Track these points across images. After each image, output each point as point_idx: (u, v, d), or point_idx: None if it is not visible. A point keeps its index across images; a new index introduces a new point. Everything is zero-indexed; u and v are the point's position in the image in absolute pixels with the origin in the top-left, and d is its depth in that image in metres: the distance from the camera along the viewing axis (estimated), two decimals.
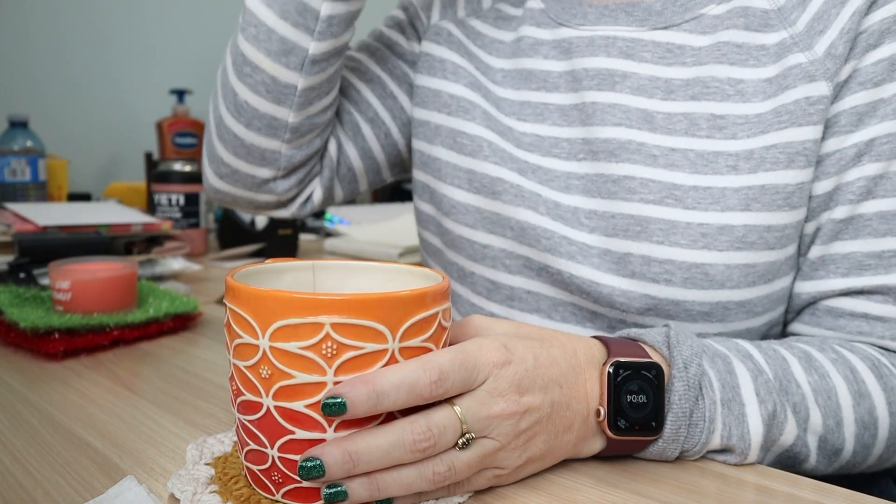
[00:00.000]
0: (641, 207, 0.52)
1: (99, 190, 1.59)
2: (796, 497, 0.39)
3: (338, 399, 0.32)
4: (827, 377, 0.45)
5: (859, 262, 0.50)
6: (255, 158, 0.62)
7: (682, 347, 0.41)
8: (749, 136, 0.51)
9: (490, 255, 0.59)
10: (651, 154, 0.52)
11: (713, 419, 0.41)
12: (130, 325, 0.65)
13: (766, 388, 0.43)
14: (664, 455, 0.41)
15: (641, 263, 0.51)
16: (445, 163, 0.62)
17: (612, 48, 0.57)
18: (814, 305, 0.53)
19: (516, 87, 0.61)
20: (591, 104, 0.56)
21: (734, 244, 0.50)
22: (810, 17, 0.51)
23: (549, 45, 0.60)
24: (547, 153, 0.57)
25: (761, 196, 0.50)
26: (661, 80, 0.54)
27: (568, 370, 0.39)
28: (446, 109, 0.63)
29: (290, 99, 0.59)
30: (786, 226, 0.51)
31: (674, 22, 0.55)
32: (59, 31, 1.52)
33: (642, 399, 0.39)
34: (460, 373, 0.35)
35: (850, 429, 0.45)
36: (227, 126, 0.62)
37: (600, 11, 0.59)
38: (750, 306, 0.52)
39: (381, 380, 0.33)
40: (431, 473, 0.34)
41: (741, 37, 0.53)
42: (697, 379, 0.41)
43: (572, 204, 0.55)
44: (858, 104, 0.50)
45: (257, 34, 0.57)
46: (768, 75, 0.51)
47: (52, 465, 0.40)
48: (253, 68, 0.58)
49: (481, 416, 0.35)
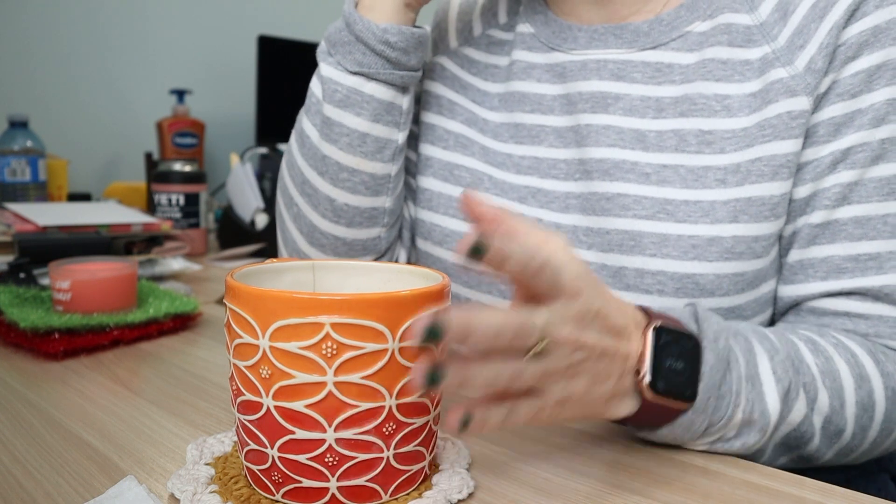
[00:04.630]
0: (634, 223, 0.53)
1: (99, 190, 1.59)
2: (801, 498, 0.39)
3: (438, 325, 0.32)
4: (831, 360, 0.47)
5: (837, 265, 0.51)
6: (357, 251, 0.65)
7: (710, 322, 0.43)
8: (736, 150, 0.52)
9: (486, 280, 0.61)
10: (644, 172, 0.54)
11: (739, 393, 0.42)
12: (130, 325, 0.65)
13: (782, 367, 0.44)
14: (692, 429, 0.42)
15: (635, 276, 0.53)
16: (437, 194, 0.64)
17: (604, 71, 0.58)
18: (797, 307, 0.54)
19: (511, 110, 0.63)
20: (585, 126, 0.58)
21: (723, 255, 0.51)
22: (791, 32, 0.52)
23: (541, 69, 0.62)
24: (545, 175, 0.59)
25: (748, 208, 0.51)
26: (652, 100, 0.56)
27: (622, 326, 0.40)
28: (441, 143, 0.65)
29: (386, 187, 0.63)
30: (771, 234, 0.52)
31: (661, 41, 0.57)
32: (60, 31, 1.52)
33: (680, 365, 0.40)
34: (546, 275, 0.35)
35: (851, 410, 0.46)
36: (326, 231, 0.64)
37: (590, 35, 0.60)
38: (739, 311, 0.53)
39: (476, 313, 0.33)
40: (511, 369, 0.34)
41: (726, 53, 0.54)
42: (726, 353, 0.42)
43: (571, 223, 0.57)
44: (836, 115, 0.51)
45: (351, 141, 0.60)
46: (752, 90, 0.53)
47: (52, 465, 0.40)
48: (351, 172, 0.61)
49: (555, 334, 0.35)
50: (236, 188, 1.23)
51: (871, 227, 0.50)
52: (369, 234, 0.64)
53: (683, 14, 0.57)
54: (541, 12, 0.64)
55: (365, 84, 0.59)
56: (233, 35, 1.80)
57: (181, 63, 1.72)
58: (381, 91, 0.60)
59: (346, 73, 0.59)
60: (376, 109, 0.60)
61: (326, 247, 0.65)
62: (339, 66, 0.60)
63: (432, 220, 0.64)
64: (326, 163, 0.61)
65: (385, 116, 0.60)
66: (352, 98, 0.60)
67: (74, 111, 1.56)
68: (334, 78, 0.60)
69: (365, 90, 0.59)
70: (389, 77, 0.59)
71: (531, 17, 0.65)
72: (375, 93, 0.59)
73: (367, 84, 0.59)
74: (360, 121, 0.60)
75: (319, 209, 0.63)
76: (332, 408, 0.33)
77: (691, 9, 0.56)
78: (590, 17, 0.61)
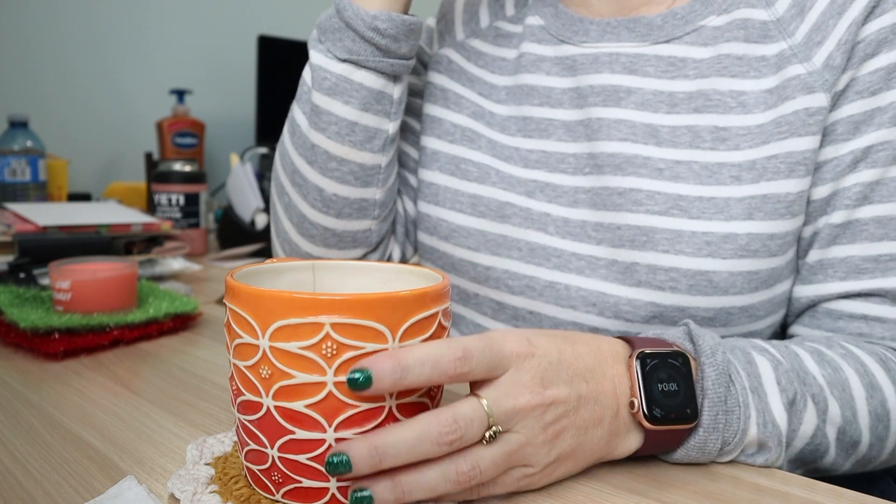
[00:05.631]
0: (648, 218, 0.52)
1: (99, 190, 1.59)
2: (813, 501, 0.39)
3: (365, 372, 0.32)
4: (840, 370, 0.46)
5: (857, 265, 0.51)
6: (347, 243, 0.65)
7: (705, 338, 0.42)
8: (751, 147, 0.51)
9: (493, 276, 0.60)
10: (657, 167, 0.53)
11: (747, 405, 0.41)
12: (130, 325, 0.65)
13: (786, 378, 0.43)
14: (705, 448, 0.40)
15: (647, 272, 0.52)
16: (444, 188, 0.63)
17: (617, 64, 0.57)
18: (813, 308, 0.53)
19: (518, 103, 0.62)
20: (596, 120, 0.57)
21: (738, 252, 0.50)
22: (808, 27, 0.51)
23: (551, 62, 0.61)
24: (554, 169, 0.58)
25: (764, 205, 0.50)
26: (665, 94, 0.55)
27: (594, 365, 0.39)
28: (448, 137, 0.64)
29: (376, 178, 0.62)
30: (787, 233, 0.51)
31: (675, 35, 0.56)
32: (60, 31, 1.52)
33: (673, 387, 0.39)
34: (486, 354, 0.34)
35: (865, 420, 0.45)
36: (315, 222, 0.63)
37: (602, 28, 0.59)
38: (753, 311, 0.52)
39: (407, 354, 0.33)
40: (455, 473, 0.33)
41: (741, 49, 0.53)
42: (725, 366, 0.41)
43: (580, 218, 0.56)
44: (855, 113, 0.50)
45: (339, 130, 0.59)
46: (769, 86, 0.52)
47: (52, 465, 0.40)
48: (340, 161, 0.60)
49: (507, 407, 0.34)
50: (236, 188, 1.23)
51: (892, 228, 0.50)
52: (359, 227, 0.63)
53: (698, 8, 0.56)
54: (550, 4, 0.64)
55: (354, 72, 0.58)
56: (233, 35, 1.80)
57: (181, 63, 1.72)
58: (370, 79, 0.58)
59: (335, 60, 0.58)
60: (365, 98, 0.59)
61: (316, 237, 0.64)
62: (328, 53, 0.59)
63: (438, 215, 0.63)
64: (315, 152, 0.60)
65: (374, 105, 0.59)
66: (340, 86, 0.58)
67: (74, 111, 1.56)
68: (323, 65, 0.59)
69: (354, 78, 0.58)
70: (379, 65, 0.58)
71: (540, 10, 0.64)
72: (365, 81, 0.58)
73: (357, 72, 0.58)
74: (348, 109, 0.59)
75: (309, 199, 0.62)
76: (332, 408, 0.33)
77: (706, 3, 0.56)
78: (601, 8, 0.60)
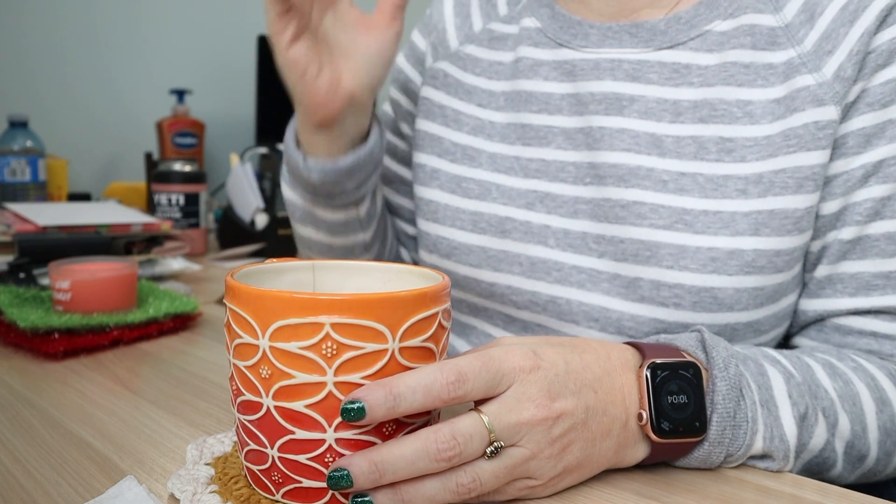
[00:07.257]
0: (651, 233, 0.51)
1: (99, 190, 1.59)
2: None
3: (357, 403, 0.32)
4: (851, 384, 0.45)
5: (867, 282, 0.50)
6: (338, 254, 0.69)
7: (719, 349, 0.41)
8: (758, 160, 0.49)
9: (497, 292, 0.59)
10: (661, 179, 0.51)
11: (755, 420, 0.40)
12: (130, 325, 0.65)
13: (798, 391, 0.42)
14: (709, 460, 0.40)
15: (651, 288, 0.51)
16: (444, 206, 0.61)
17: (619, 71, 0.55)
18: (821, 322, 0.52)
19: (517, 110, 0.60)
20: (598, 129, 0.55)
21: (743, 268, 0.49)
22: (818, 35, 0.49)
23: (549, 66, 0.59)
24: (553, 178, 0.57)
25: (770, 221, 0.49)
26: (669, 102, 0.53)
27: (602, 374, 0.38)
28: (448, 156, 0.62)
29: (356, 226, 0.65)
30: (794, 249, 0.50)
31: (679, 40, 0.54)
32: (59, 31, 1.52)
33: (683, 399, 0.38)
34: (483, 375, 0.34)
35: (874, 435, 0.45)
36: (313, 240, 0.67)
37: (603, 33, 0.57)
38: (757, 325, 0.51)
39: (398, 382, 0.33)
40: (455, 485, 0.33)
41: (748, 56, 0.51)
42: (737, 379, 0.40)
43: (580, 229, 0.55)
44: (866, 125, 0.49)
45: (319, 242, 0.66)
46: (776, 96, 0.50)
47: (52, 465, 0.40)
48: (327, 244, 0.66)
49: (510, 422, 0.34)
50: (236, 188, 1.23)
51: None
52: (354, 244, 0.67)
53: (703, 12, 0.54)
54: (546, 5, 0.61)
55: (315, 209, 0.61)
56: (233, 35, 1.80)
57: (181, 63, 1.72)
58: (330, 215, 0.61)
59: (299, 196, 0.62)
60: (332, 228, 0.63)
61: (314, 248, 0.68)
62: (294, 187, 0.62)
63: (438, 233, 0.61)
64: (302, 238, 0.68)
65: (342, 230, 0.64)
66: (308, 217, 0.63)
67: (74, 111, 1.56)
68: (290, 199, 0.63)
69: (317, 214, 0.62)
70: (331, 204, 0.61)
71: (536, 11, 0.62)
72: (326, 217, 0.61)
73: (317, 210, 0.61)
74: (321, 234, 0.65)
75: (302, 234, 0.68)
76: (332, 408, 0.33)
77: (711, 6, 0.54)
78: (600, 8, 0.58)
